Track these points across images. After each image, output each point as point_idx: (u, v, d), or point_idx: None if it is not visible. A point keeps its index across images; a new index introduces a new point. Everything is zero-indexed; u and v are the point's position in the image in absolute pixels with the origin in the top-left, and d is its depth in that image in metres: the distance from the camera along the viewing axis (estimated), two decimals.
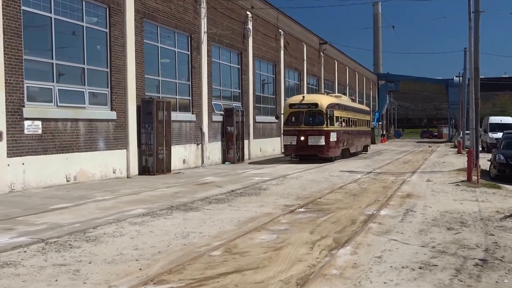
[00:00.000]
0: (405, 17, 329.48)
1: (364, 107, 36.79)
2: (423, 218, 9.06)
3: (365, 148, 32.25)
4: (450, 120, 63.64)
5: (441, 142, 55.75)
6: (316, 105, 22.69)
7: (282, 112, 25.03)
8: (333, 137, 23.04)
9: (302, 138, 22.29)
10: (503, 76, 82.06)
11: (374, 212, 9.63)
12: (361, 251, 6.63)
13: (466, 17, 18.51)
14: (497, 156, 16.59)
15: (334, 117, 23.29)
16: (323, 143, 22.33)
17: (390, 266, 5.90)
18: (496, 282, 5.36)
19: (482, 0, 17.62)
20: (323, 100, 23.19)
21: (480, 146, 24.30)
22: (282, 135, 24.69)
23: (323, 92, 34.11)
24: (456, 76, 54.88)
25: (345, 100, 28.99)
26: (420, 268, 5.82)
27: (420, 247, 6.87)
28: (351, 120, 27.38)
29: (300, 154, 23.14)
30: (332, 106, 23.34)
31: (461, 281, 5.37)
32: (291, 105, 23.36)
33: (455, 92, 54.75)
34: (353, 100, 39.86)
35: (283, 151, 24.73)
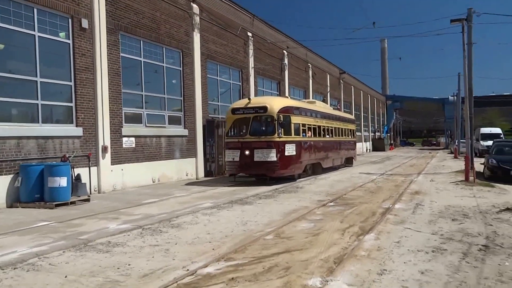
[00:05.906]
0: (408, 49, 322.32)
1: (347, 115, 25.28)
2: (431, 211, 8.75)
3: (349, 161, 23.11)
4: (446, 131, 61.26)
5: (439, 149, 53.61)
6: (264, 109, 14.20)
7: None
8: (290, 150, 14.58)
9: (247, 152, 14.01)
10: (491, 94, 78.81)
11: (390, 206, 9.38)
12: (382, 237, 6.48)
13: (461, 48, 17.75)
14: (490, 160, 15.82)
15: (292, 124, 14.83)
16: (275, 159, 13.93)
17: (408, 250, 5.74)
18: (499, 264, 5.12)
19: (474, 33, 17.06)
20: (274, 103, 14.52)
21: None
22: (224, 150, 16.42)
23: (287, 95, 21.99)
24: (451, 96, 52.89)
25: (319, 106, 19.66)
26: (433, 252, 5.64)
27: (430, 234, 6.65)
28: (325, 129, 18.62)
29: (245, 172, 14.78)
30: (287, 110, 14.71)
31: (468, 263, 5.16)
32: (234, 110, 14.79)
33: (450, 109, 52.76)
34: (338, 109, 29.19)
35: (225, 170, 16.22)
